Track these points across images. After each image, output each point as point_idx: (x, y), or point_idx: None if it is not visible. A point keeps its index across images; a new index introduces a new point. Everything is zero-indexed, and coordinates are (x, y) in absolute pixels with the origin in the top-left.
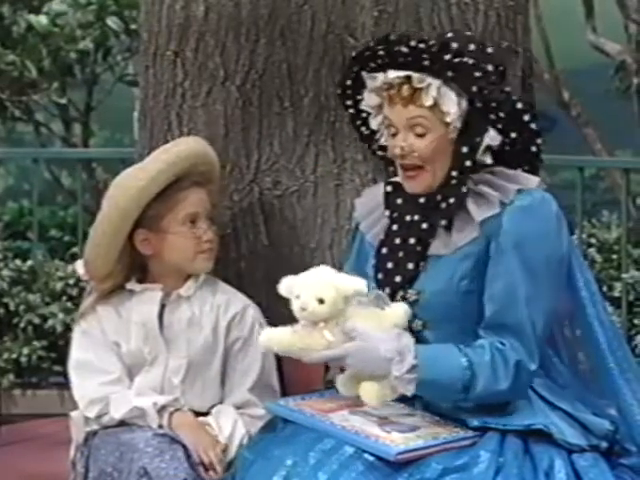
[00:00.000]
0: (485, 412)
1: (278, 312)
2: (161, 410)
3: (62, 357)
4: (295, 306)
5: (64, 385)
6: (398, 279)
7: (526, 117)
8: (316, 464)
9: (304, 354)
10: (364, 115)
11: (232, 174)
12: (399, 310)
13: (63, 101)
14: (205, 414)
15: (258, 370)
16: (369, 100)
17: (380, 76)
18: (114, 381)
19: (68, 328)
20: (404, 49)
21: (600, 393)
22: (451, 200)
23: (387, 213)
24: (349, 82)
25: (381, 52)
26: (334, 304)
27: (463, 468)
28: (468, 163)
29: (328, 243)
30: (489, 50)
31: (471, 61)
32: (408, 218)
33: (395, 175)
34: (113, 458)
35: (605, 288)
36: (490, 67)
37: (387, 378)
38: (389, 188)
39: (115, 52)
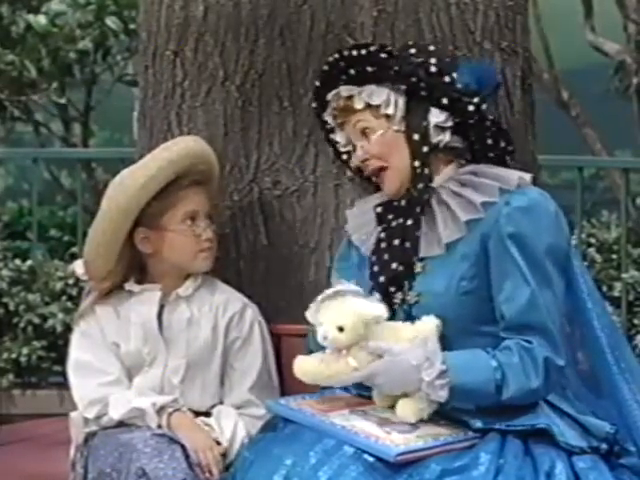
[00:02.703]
0: (488, 413)
1: (277, 311)
2: (160, 410)
3: (62, 357)
4: (318, 334)
5: (64, 385)
6: (382, 279)
7: (446, 79)
8: (316, 464)
9: (333, 381)
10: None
11: (232, 174)
12: (430, 324)
13: (62, 101)
14: (204, 414)
15: (258, 369)
16: (340, 139)
17: (328, 110)
18: (113, 382)
19: (68, 328)
20: (325, 67)
21: (600, 393)
22: (420, 186)
23: (379, 229)
24: (329, 136)
25: (317, 83)
26: (354, 330)
27: (463, 470)
28: (425, 149)
29: (328, 243)
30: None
31: (384, 54)
32: (394, 224)
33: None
34: (112, 458)
35: (605, 288)
36: (413, 51)
37: (419, 391)
38: (379, 210)
39: (114, 52)
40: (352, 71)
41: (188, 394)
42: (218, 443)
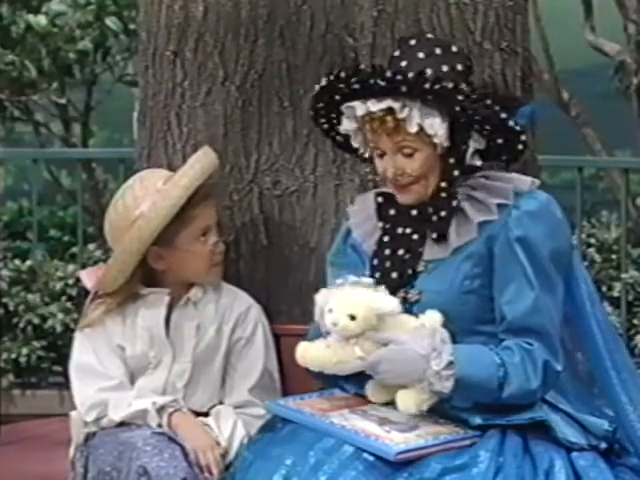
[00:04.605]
0: (486, 410)
1: (278, 312)
2: (160, 410)
3: (62, 357)
4: (327, 320)
5: (64, 385)
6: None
7: (510, 123)
8: (316, 463)
9: (338, 368)
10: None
11: (231, 174)
12: (434, 316)
13: (62, 101)
14: (205, 414)
15: (260, 370)
16: (347, 126)
17: (358, 106)
18: (115, 387)
19: (68, 328)
20: (381, 82)
21: (598, 393)
22: (442, 213)
23: (380, 225)
24: (321, 105)
25: (356, 85)
26: (365, 321)
27: (462, 468)
28: (456, 173)
29: (328, 243)
30: (454, 49)
31: (450, 84)
32: (400, 230)
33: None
34: (112, 457)
35: (604, 288)
36: (467, 79)
37: (422, 383)
38: (380, 199)
39: (114, 52)
40: (404, 89)
41: (190, 396)
42: (217, 443)
